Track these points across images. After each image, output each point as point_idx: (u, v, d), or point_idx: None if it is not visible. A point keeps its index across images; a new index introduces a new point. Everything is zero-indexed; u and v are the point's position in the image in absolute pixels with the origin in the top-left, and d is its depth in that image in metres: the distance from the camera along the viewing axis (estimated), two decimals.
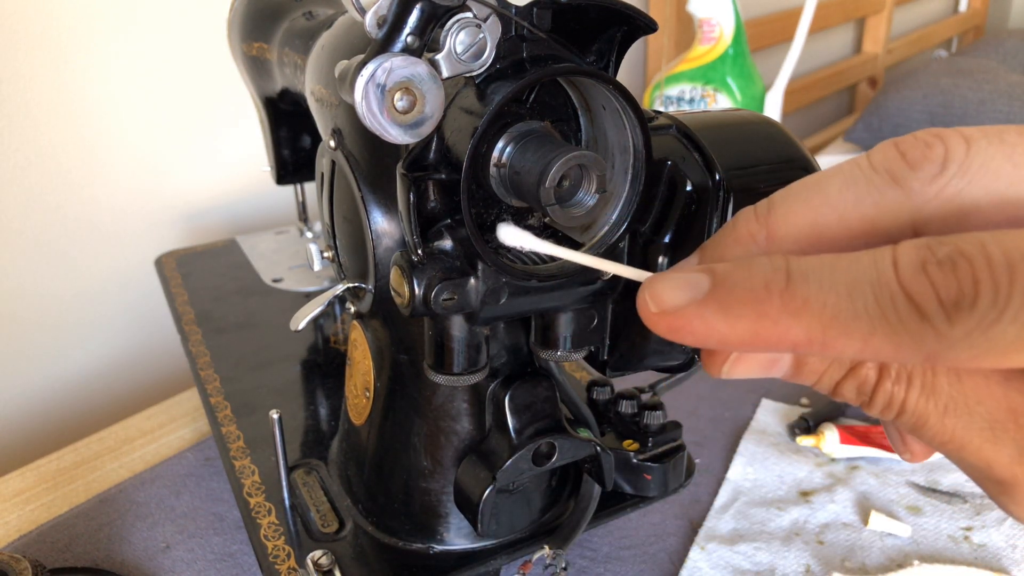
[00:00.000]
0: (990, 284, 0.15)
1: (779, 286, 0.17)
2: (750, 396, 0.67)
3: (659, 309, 0.19)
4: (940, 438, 0.18)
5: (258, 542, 0.44)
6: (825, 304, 0.17)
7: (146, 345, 0.86)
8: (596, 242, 0.32)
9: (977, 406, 0.18)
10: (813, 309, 0.17)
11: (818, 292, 0.17)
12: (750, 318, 0.17)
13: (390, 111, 0.26)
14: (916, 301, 0.16)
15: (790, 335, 0.17)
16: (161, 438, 0.63)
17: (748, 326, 0.17)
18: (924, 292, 0.16)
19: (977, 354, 0.16)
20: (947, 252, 0.16)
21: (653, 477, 0.46)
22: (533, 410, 0.39)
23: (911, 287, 0.16)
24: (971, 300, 0.15)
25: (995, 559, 0.50)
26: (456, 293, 0.31)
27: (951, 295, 0.15)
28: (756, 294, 0.17)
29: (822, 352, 0.17)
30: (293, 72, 0.51)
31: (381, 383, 0.43)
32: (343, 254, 0.43)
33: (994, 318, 0.15)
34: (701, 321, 0.18)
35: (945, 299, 0.15)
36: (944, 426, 0.18)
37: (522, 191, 0.30)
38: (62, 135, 0.74)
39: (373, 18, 0.26)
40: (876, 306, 0.16)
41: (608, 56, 0.31)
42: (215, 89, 0.85)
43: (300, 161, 0.66)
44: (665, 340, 0.18)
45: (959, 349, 0.16)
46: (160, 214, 0.85)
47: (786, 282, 0.17)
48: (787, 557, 0.50)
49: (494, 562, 0.43)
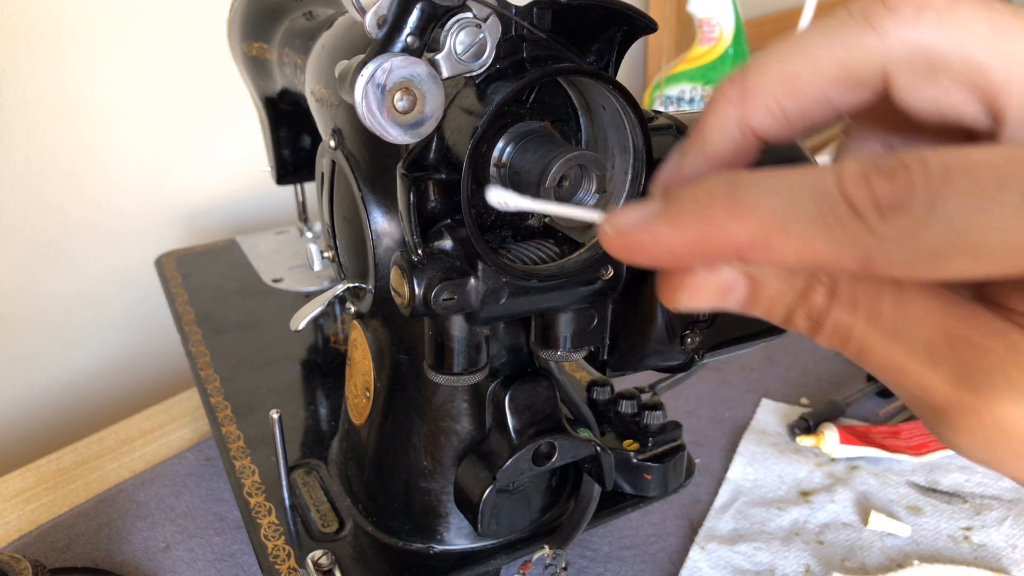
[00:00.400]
0: (924, 188, 0.16)
1: (724, 192, 0.18)
2: (750, 396, 0.67)
3: (614, 231, 0.20)
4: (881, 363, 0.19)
5: (258, 542, 0.44)
6: (767, 207, 0.17)
7: (146, 345, 0.86)
8: (596, 242, 0.32)
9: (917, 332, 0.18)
10: (755, 212, 0.17)
11: (760, 196, 0.18)
12: (696, 225, 0.18)
13: (390, 111, 0.26)
14: (853, 204, 0.16)
15: (733, 237, 0.18)
16: (161, 438, 0.63)
17: (694, 232, 0.18)
18: (862, 195, 0.16)
19: (909, 258, 0.16)
20: (888, 163, 0.16)
21: (653, 477, 0.46)
22: (533, 410, 0.39)
23: (850, 191, 0.17)
24: (905, 202, 0.16)
25: (995, 559, 0.50)
26: (456, 293, 0.31)
27: (887, 198, 0.16)
28: (702, 202, 0.18)
29: (765, 257, 0.18)
30: (293, 72, 0.51)
31: (381, 383, 0.43)
32: (343, 254, 0.43)
33: (925, 220, 0.16)
34: (651, 235, 0.19)
35: (880, 200, 0.16)
36: (885, 351, 0.19)
37: (522, 191, 0.30)
38: (62, 135, 0.74)
39: (373, 18, 0.26)
40: (816, 209, 0.17)
41: (608, 56, 0.31)
42: (215, 89, 0.85)
43: (300, 161, 0.66)
44: (665, 340, 0.19)
45: (891, 252, 0.16)
46: (160, 214, 0.85)
47: (732, 189, 0.18)
48: (787, 557, 0.50)
49: (494, 562, 0.43)
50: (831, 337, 0.20)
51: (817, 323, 0.20)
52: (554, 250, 0.33)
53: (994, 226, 0.16)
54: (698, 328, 0.37)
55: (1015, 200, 0.15)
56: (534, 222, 0.35)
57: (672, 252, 0.19)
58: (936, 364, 0.18)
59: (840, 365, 0.71)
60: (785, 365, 0.71)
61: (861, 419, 0.63)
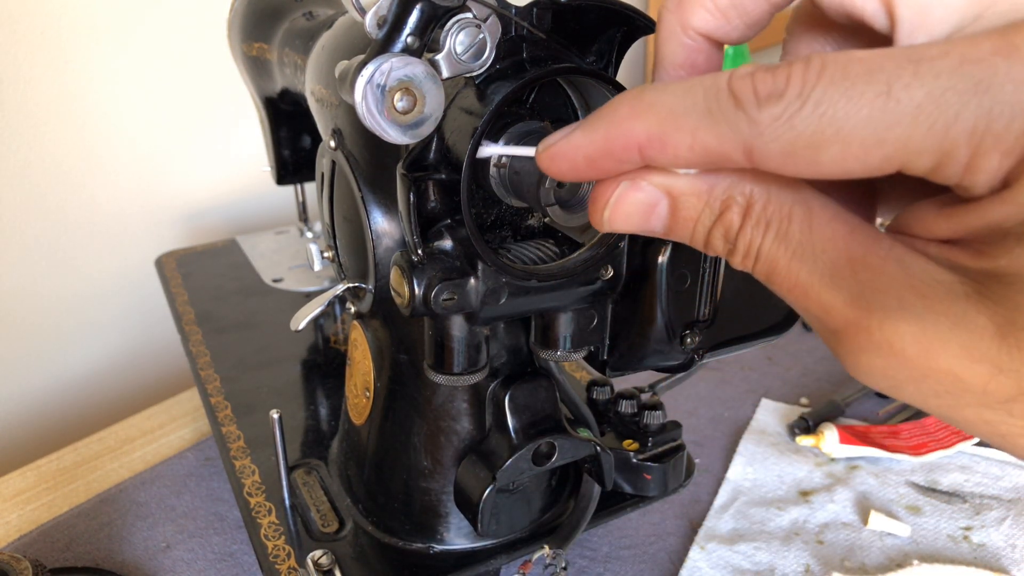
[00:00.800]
0: (800, 80, 0.17)
1: (631, 96, 0.20)
2: (750, 396, 0.67)
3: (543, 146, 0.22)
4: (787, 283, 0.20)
5: (258, 542, 0.44)
6: (664, 105, 0.19)
7: (146, 345, 0.86)
8: (596, 242, 0.32)
9: (822, 254, 0.19)
10: (653, 110, 0.19)
11: (660, 96, 0.19)
12: (603, 128, 0.20)
13: (390, 111, 0.26)
14: (736, 95, 0.18)
15: (634, 133, 0.19)
16: (161, 438, 0.63)
17: (601, 133, 0.20)
18: (743, 87, 0.18)
19: (786, 147, 0.17)
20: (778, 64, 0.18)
21: (653, 477, 0.46)
22: (533, 410, 0.39)
23: (735, 85, 0.18)
24: (781, 91, 0.17)
25: (994, 559, 0.50)
26: (456, 293, 0.31)
27: (766, 88, 0.17)
28: (611, 107, 0.20)
29: (662, 153, 0.19)
30: (293, 72, 0.51)
31: (381, 383, 0.43)
32: (343, 254, 0.43)
33: (798, 107, 0.17)
34: (568, 143, 0.21)
35: (759, 91, 0.17)
36: (791, 271, 0.19)
37: (522, 191, 0.30)
38: (62, 135, 0.74)
39: (373, 18, 0.26)
40: (703, 102, 0.18)
41: (608, 56, 0.31)
42: (215, 89, 0.85)
43: (300, 161, 0.66)
44: (664, 340, 0.19)
45: (769, 140, 0.17)
46: (160, 214, 0.85)
47: (639, 92, 0.20)
48: (787, 557, 0.50)
49: (494, 562, 0.43)
50: (743, 258, 0.20)
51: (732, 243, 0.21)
52: (554, 250, 0.33)
53: (860, 114, 0.16)
54: (698, 328, 0.37)
55: (879, 89, 0.16)
56: (534, 222, 0.35)
57: (586, 155, 0.21)
58: (837, 286, 0.19)
59: (840, 365, 0.71)
60: (785, 365, 0.71)
61: (861, 419, 0.63)
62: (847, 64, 0.17)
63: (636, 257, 0.34)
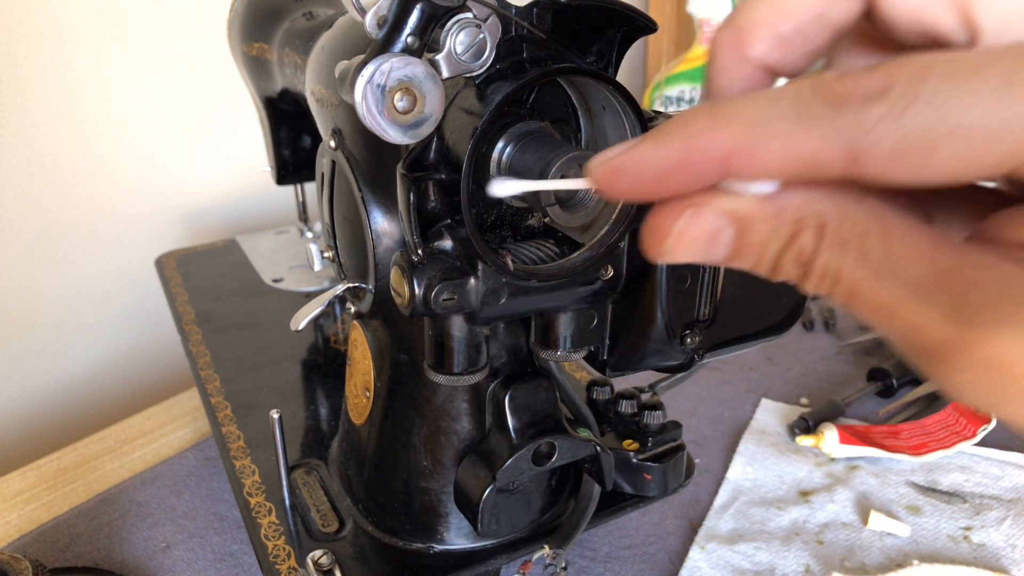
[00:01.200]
0: (903, 78, 0.16)
1: (705, 109, 0.19)
2: (750, 396, 0.67)
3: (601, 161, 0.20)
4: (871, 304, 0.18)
5: (258, 542, 0.44)
6: (747, 115, 0.18)
7: (146, 345, 0.86)
8: (596, 242, 0.32)
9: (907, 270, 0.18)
10: (736, 120, 0.18)
11: (740, 107, 0.18)
12: (679, 140, 0.19)
13: (390, 111, 0.26)
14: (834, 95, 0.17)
15: (716, 146, 0.18)
16: (161, 438, 0.63)
17: (677, 146, 0.19)
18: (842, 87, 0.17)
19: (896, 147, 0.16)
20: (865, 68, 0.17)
21: (653, 477, 0.46)
22: (533, 410, 0.39)
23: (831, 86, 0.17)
24: (887, 88, 0.16)
25: (994, 559, 0.50)
26: (456, 293, 0.31)
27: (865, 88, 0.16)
28: (684, 119, 0.19)
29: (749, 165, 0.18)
30: (293, 72, 0.51)
31: (381, 383, 0.43)
32: (343, 254, 0.43)
33: (905, 105, 0.16)
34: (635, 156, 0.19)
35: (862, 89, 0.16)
36: (875, 292, 0.18)
37: None
38: (62, 135, 0.74)
39: (373, 18, 0.26)
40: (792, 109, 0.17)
41: (608, 56, 0.31)
42: (215, 89, 0.85)
43: (300, 161, 0.67)
44: (664, 340, 0.18)
45: (876, 141, 0.16)
46: (160, 214, 0.85)
47: (712, 105, 0.19)
48: (787, 557, 0.50)
49: (494, 562, 0.43)
50: (820, 281, 0.19)
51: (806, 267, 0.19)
52: (554, 250, 0.33)
53: (980, 104, 0.15)
54: (698, 328, 0.37)
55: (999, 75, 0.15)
56: (534, 222, 0.35)
57: (657, 170, 0.19)
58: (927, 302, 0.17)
59: (840, 365, 0.71)
60: (785, 365, 0.71)
61: (861, 419, 0.63)
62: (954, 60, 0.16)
63: (636, 257, 0.34)
